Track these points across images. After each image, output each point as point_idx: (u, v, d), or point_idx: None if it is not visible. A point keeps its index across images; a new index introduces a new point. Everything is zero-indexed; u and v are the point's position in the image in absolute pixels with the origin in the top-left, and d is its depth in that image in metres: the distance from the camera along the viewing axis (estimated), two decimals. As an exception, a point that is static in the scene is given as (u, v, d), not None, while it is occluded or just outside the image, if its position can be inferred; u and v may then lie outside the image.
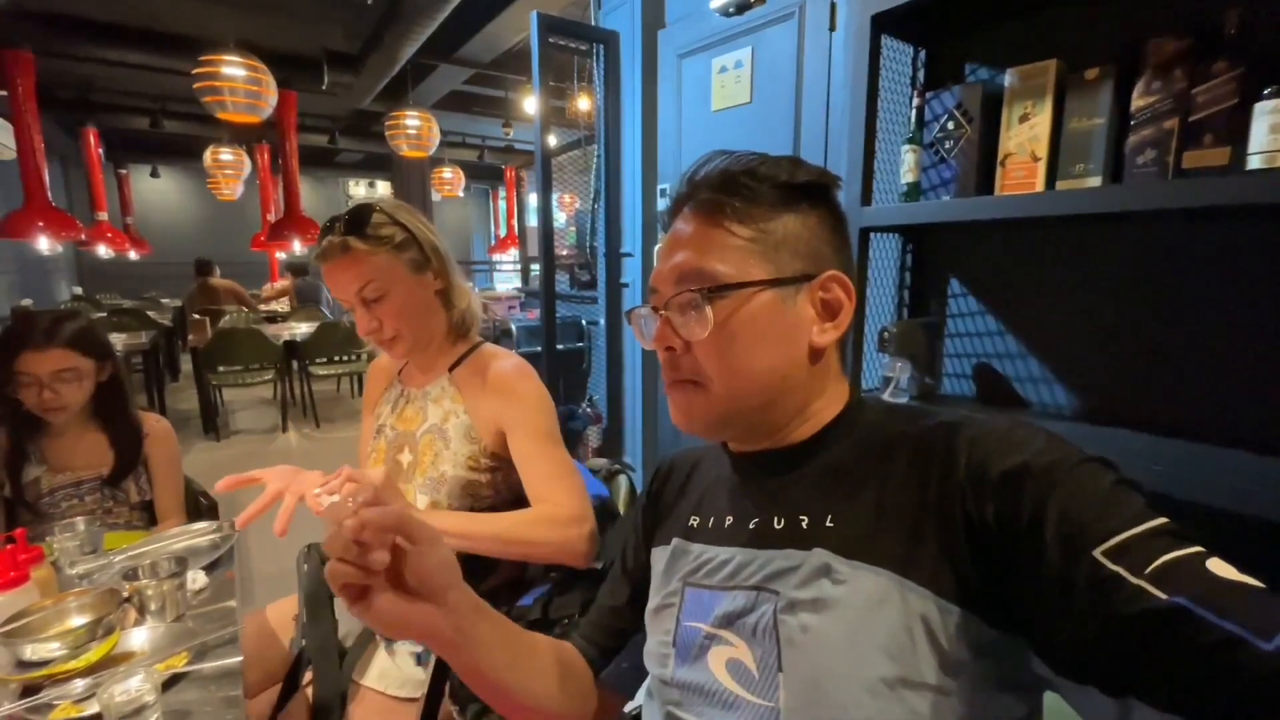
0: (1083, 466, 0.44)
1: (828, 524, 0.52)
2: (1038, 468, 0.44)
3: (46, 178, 4.45)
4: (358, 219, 0.96)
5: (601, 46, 2.52)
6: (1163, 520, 0.40)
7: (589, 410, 2.82)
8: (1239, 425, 1.07)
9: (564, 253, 3.18)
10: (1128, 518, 0.40)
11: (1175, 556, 0.38)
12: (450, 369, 1.07)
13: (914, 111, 1.33)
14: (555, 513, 0.93)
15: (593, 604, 0.72)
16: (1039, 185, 1.16)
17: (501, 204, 10.30)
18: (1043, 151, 1.15)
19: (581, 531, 0.92)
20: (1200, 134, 0.98)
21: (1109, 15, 1.17)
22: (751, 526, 0.56)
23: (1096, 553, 0.39)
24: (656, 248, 2.45)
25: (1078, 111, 1.12)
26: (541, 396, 1.02)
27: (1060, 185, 1.14)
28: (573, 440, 3.01)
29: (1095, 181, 1.09)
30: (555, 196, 2.69)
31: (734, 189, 0.55)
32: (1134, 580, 0.37)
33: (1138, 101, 1.04)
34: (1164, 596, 0.36)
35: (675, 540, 0.61)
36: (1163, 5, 1.11)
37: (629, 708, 0.71)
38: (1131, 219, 1.17)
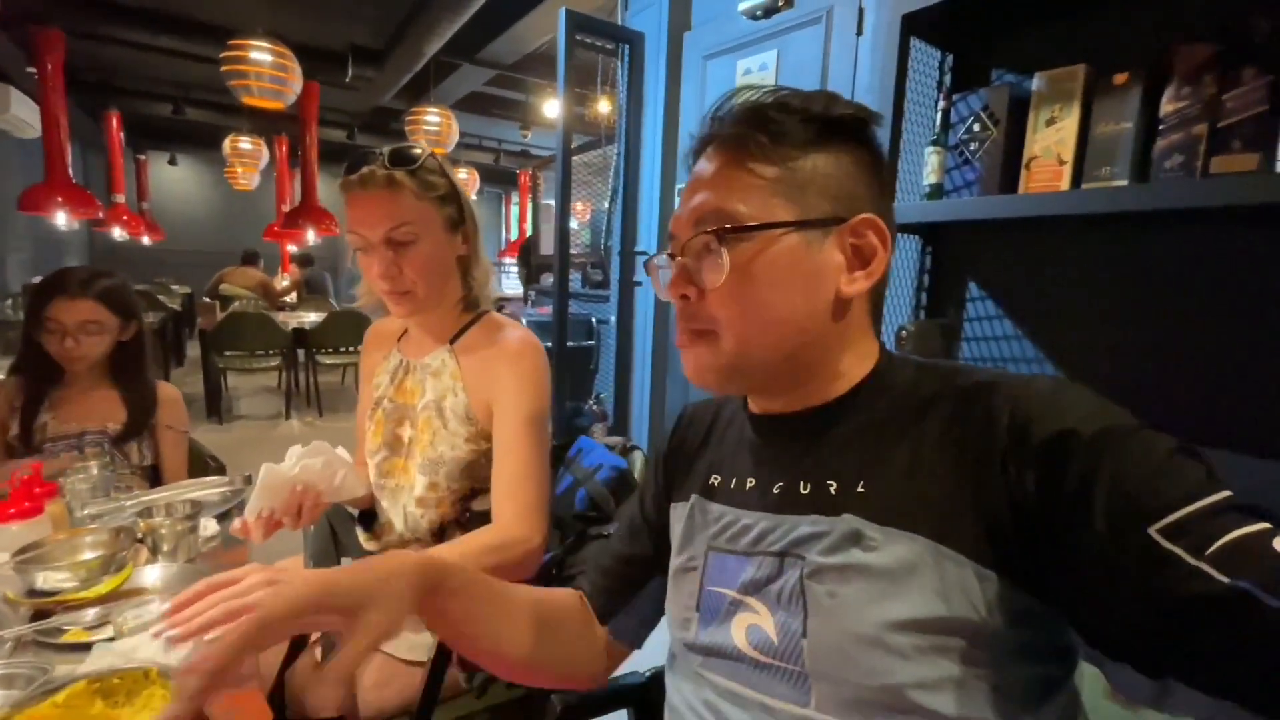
0: (1135, 434, 0.40)
1: (859, 489, 0.49)
2: (1086, 435, 0.40)
3: (69, 155, 4.49)
4: (408, 156, 0.90)
5: (627, 47, 2.55)
6: (1225, 494, 0.37)
7: (595, 408, 2.82)
8: (1261, 434, 1.07)
9: (574, 252, 3.19)
10: (1185, 491, 0.37)
11: (1239, 535, 0.35)
12: (452, 340, 1.02)
13: (939, 114, 1.34)
14: (504, 539, 0.90)
15: (605, 551, 0.71)
16: (1064, 187, 1.16)
17: (514, 208, 10.38)
18: (1069, 155, 1.16)
19: (529, 555, 0.90)
20: (1229, 140, 0.99)
21: (1137, 21, 1.19)
22: (775, 491, 0.53)
23: (1152, 530, 0.36)
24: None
25: (1105, 116, 1.12)
26: (538, 378, 0.97)
27: (1085, 187, 1.14)
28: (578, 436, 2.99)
29: (1121, 184, 1.10)
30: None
31: (761, 123, 0.51)
32: (1192, 562, 0.35)
33: (1166, 107, 1.05)
34: (1225, 580, 0.34)
35: (694, 497, 0.60)
36: (1191, 12, 1.12)
37: (646, 668, 0.70)
38: (1155, 222, 1.17)
